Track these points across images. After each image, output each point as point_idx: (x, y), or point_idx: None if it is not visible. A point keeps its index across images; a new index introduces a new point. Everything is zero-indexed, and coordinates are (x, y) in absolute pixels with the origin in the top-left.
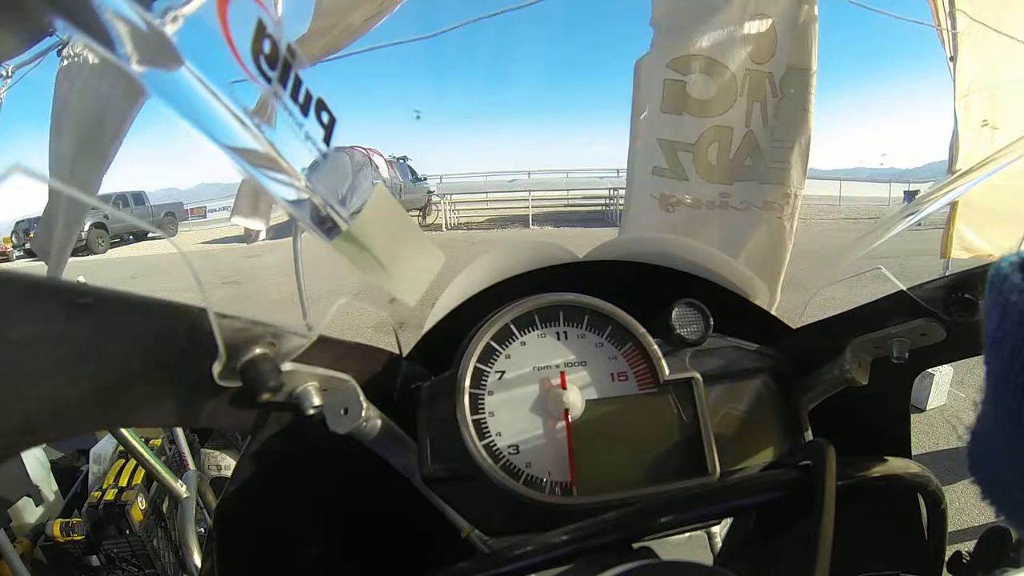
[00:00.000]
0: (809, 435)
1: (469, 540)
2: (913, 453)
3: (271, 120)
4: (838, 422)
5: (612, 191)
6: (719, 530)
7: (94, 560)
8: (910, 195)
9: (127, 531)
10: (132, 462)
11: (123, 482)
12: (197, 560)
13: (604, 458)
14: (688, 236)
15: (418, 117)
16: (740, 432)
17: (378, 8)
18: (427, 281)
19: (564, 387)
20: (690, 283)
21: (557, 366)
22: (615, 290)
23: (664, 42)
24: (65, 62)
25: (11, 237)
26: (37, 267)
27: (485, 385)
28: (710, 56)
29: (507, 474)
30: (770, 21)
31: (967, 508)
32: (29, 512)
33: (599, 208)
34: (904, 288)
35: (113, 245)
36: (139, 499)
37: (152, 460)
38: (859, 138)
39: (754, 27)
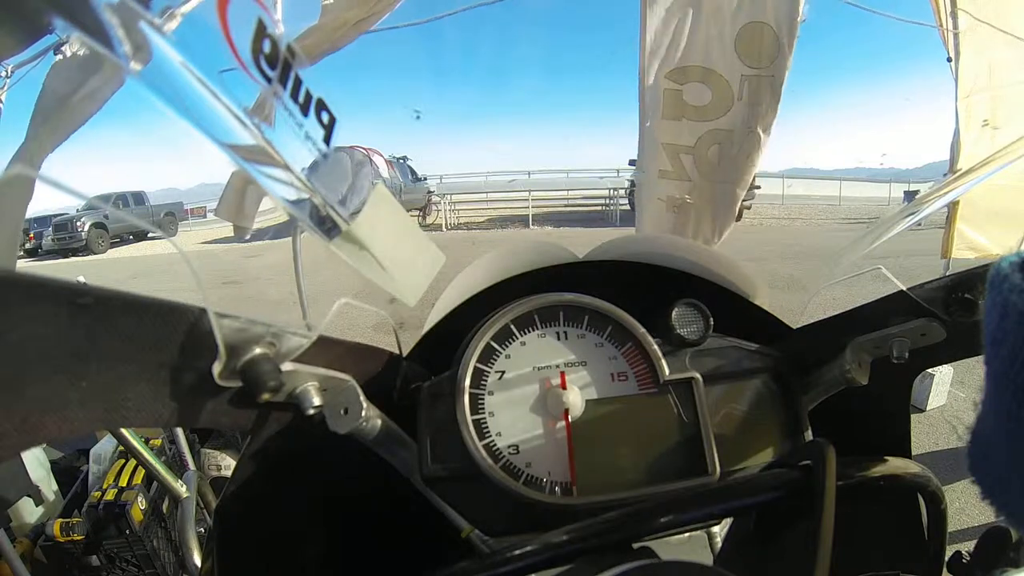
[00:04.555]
0: (809, 435)
1: (469, 540)
2: (913, 453)
3: (271, 119)
4: (838, 422)
5: (612, 191)
6: (719, 530)
7: (94, 560)
8: (910, 195)
9: (127, 531)
10: (132, 462)
11: (123, 482)
12: (197, 560)
13: (604, 458)
14: (695, 234)
15: (418, 117)
16: (740, 432)
17: (376, 7)
18: (427, 281)
19: (564, 387)
20: (690, 283)
21: (557, 366)
22: (615, 290)
23: (659, 54)
24: (57, 58)
25: None
26: (37, 267)
27: (485, 385)
28: (703, 65)
29: (507, 474)
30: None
31: (967, 508)
32: (29, 512)
33: (599, 208)
34: (904, 288)
35: (113, 245)
36: (139, 499)
37: (152, 460)
38: (859, 138)
39: (744, 30)
